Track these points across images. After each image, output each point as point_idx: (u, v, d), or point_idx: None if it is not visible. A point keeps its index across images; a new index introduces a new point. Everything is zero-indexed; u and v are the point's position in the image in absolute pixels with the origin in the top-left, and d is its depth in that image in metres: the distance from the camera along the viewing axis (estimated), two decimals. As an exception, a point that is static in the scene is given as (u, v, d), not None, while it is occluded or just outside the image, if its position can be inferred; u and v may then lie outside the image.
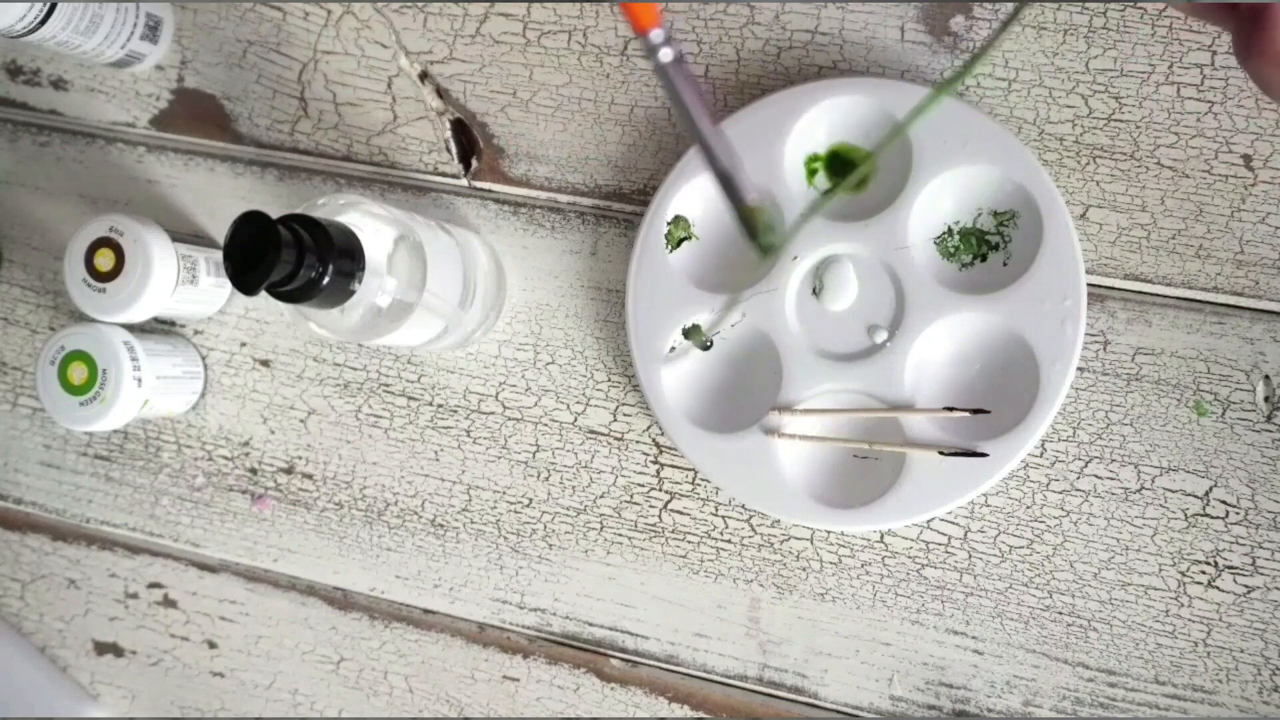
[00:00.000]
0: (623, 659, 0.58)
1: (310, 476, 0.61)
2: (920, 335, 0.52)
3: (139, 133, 0.63)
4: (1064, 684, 0.53)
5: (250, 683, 0.63)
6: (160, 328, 0.62)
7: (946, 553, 0.54)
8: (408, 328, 0.50)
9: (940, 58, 0.54)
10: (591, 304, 0.58)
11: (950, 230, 0.53)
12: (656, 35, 0.28)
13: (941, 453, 0.52)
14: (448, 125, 0.59)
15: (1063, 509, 0.53)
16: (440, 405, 0.59)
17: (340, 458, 0.61)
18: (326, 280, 0.45)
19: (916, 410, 0.52)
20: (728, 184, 0.29)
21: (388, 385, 0.60)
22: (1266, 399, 0.51)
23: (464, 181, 0.59)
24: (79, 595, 0.65)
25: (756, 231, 0.29)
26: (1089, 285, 0.52)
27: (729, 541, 0.56)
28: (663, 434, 0.57)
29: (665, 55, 0.29)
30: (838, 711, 0.56)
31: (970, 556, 0.54)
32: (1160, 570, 0.52)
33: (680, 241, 0.55)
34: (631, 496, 0.57)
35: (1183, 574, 0.52)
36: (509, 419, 0.58)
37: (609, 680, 0.58)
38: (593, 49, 0.57)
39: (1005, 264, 0.53)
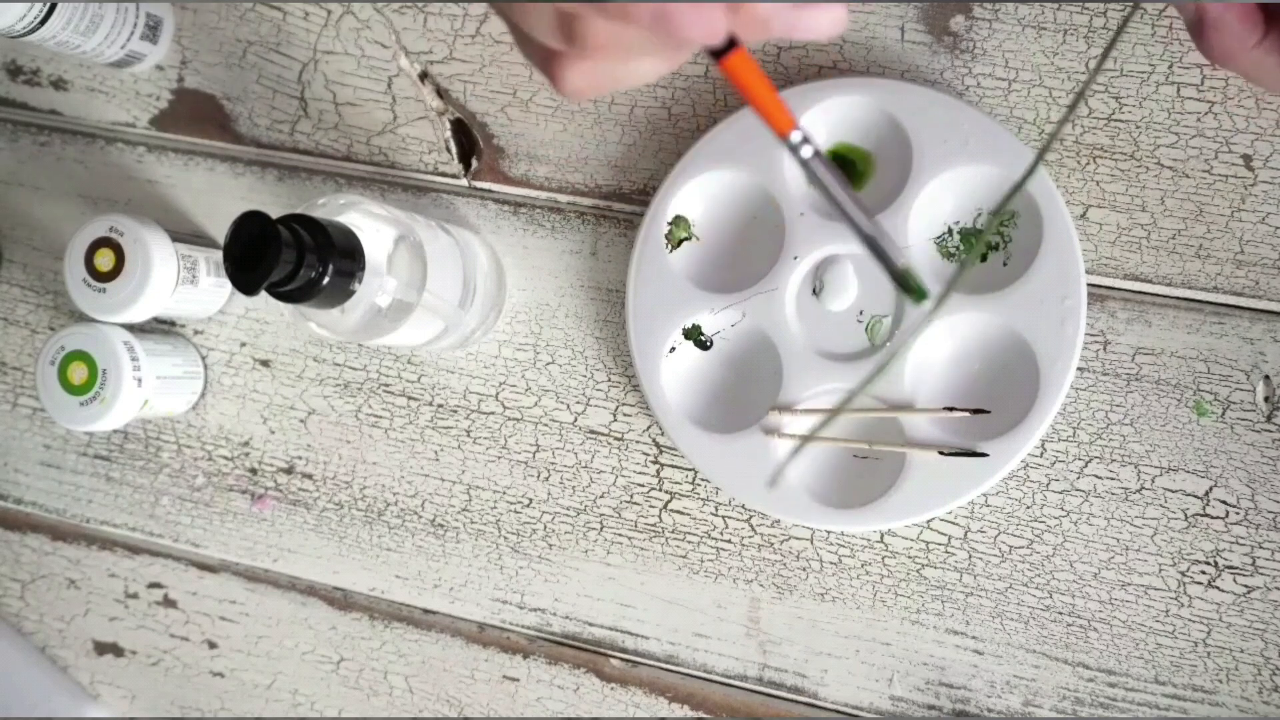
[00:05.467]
0: (623, 659, 0.58)
1: (310, 476, 0.61)
2: (920, 335, 0.52)
3: (139, 133, 0.63)
4: (1064, 684, 0.53)
5: (250, 683, 0.63)
6: (160, 328, 0.62)
7: (946, 553, 0.54)
8: (408, 328, 0.50)
9: (940, 58, 0.54)
10: (591, 304, 0.58)
11: (950, 230, 0.53)
12: (795, 136, 0.33)
13: (941, 453, 0.52)
14: (448, 125, 0.59)
15: (1063, 509, 0.53)
16: (440, 405, 0.59)
17: (340, 458, 0.61)
18: (326, 280, 0.45)
19: (916, 410, 0.52)
20: (879, 253, 0.34)
21: (388, 385, 0.60)
22: (1266, 399, 0.51)
23: (464, 181, 0.59)
24: (79, 595, 0.65)
25: (909, 288, 0.34)
26: (1089, 285, 0.52)
27: (729, 541, 0.56)
28: (663, 434, 0.57)
29: (806, 152, 0.33)
30: (838, 711, 0.56)
31: (970, 556, 0.54)
32: (1160, 570, 0.52)
33: (680, 241, 0.55)
34: (631, 496, 0.57)
35: (1183, 574, 0.52)
36: (509, 419, 0.58)
37: (609, 680, 0.58)
38: (593, 49, 0.57)
39: (1005, 264, 0.53)
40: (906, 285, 0.34)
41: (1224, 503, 0.52)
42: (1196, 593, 0.52)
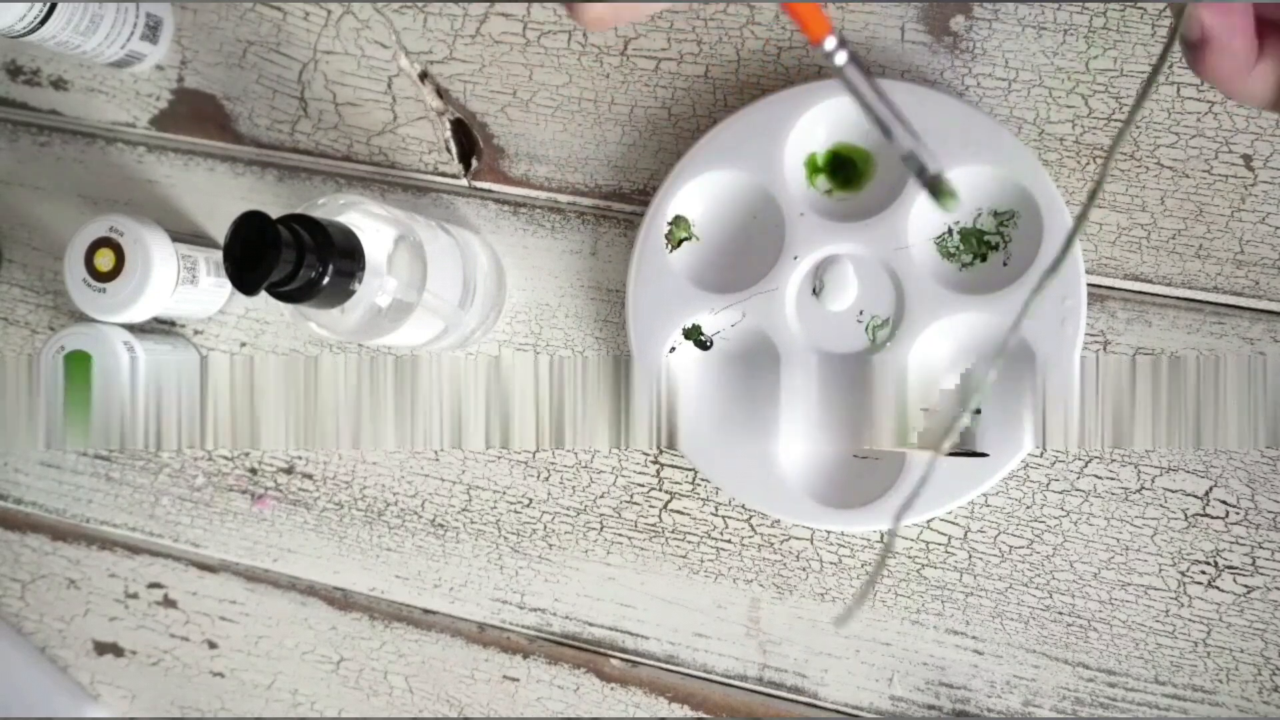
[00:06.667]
0: (623, 659, 0.58)
1: (310, 476, 0.61)
2: (920, 335, 0.52)
3: (139, 133, 0.63)
4: (1064, 684, 0.53)
5: (250, 683, 0.63)
6: (160, 328, 0.62)
7: (946, 553, 0.54)
8: (408, 328, 0.50)
9: (940, 58, 0.54)
10: (591, 304, 0.58)
11: (950, 230, 0.53)
12: (830, 42, 0.32)
13: (941, 453, 0.51)
14: (448, 125, 0.59)
15: (1063, 509, 0.53)
16: (440, 405, 0.59)
17: (340, 458, 0.61)
18: (326, 280, 0.45)
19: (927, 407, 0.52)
20: (912, 161, 0.34)
21: (388, 385, 0.60)
22: (1266, 399, 0.51)
23: (464, 181, 0.59)
24: (79, 595, 0.65)
25: (940, 193, 0.34)
26: (1089, 285, 0.52)
27: (729, 541, 0.56)
28: (663, 434, 0.57)
29: (840, 59, 0.33)
30: (838, 711, 0.56)
31: (970, 556, 0.54)
32: (1160, 570, 0.52)
33: (680, 241, 0.55)
34: (631, 496, 0.57)
35: (1183, 574, 0.52)
36: (509, 419, 0.59)
37: (609, 680, 0.58)
38: (593, 49, 0.57)
39: (1005, 264, 0.53)
40: (936, 191, 0.34)
41: (1224, 503, 0.52)
42: (1196, 593, 0.52)
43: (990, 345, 0.53)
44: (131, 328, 0.59)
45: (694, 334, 0.55)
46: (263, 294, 0.45)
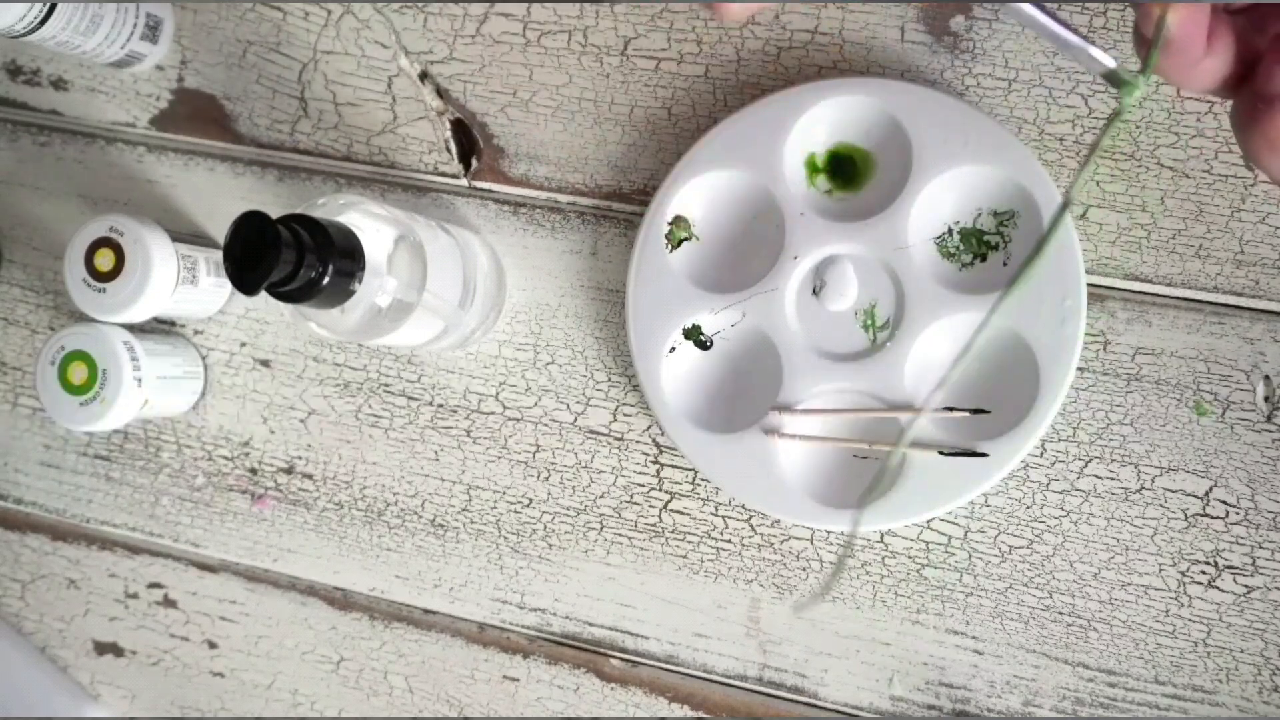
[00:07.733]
0: (623, 659, 0.58)
1: (310, 476, 0.61)
2: (920, 335, 0.52)
3: (139, 133, 0.63)
4: (1064, 684, 0.53)
5: (250, 683, 0.63)
6: (160, 328, 0.62)
7: (946, 553, 0.54)
8: (408, 328, 0.50)
9: (940, 58, 0.54)
10: (591, 304, 0.58)
11: (950, 230, 0.53)
12: None
13: (941, 453, 0.52)
14: (448, 125, 0.59)
15: (1063, 509, 0.53)
16: (440, 405, 0.59)
17: (340, 458, 0.61)
18: (326, 280, 0.45)
19: (916, 410, 0.52)
20: (1087, 59, 0.36)
21: (388, 385, 0.60)
22: (1266, 399, 0.51)
23: (464, 181, 0.59)
24: (79, 595, 0.65)
25: (1119, 83, 0.36)
26: (1089, 285, 0.52)
27: (729, 541, 0.56)
28: (663, 434, 0.57)
29: None
30: (838, 711, 0.56)
31: (970, 556, 0.54)
32: (1160, 570, 0.52)
33: (680, 241, 0.55)
34: (631, 496, 0.57)
35: (1183, 574, 0.52)
36: (509, 419, 0.58)
37: (609, 680, 0.58)
38: (593, 49, 0.57)
39: (1005, 264, 0.53)
40: (1114, 82, 0.36)
41: (1224, 503, 0.52)
42: (1196, 593, 0.52)
43: (990, 346, 0.53)
44: (131, 328, 0.59)
45: (694, 334, 0.55)
46: (263, 294, 0.45)
